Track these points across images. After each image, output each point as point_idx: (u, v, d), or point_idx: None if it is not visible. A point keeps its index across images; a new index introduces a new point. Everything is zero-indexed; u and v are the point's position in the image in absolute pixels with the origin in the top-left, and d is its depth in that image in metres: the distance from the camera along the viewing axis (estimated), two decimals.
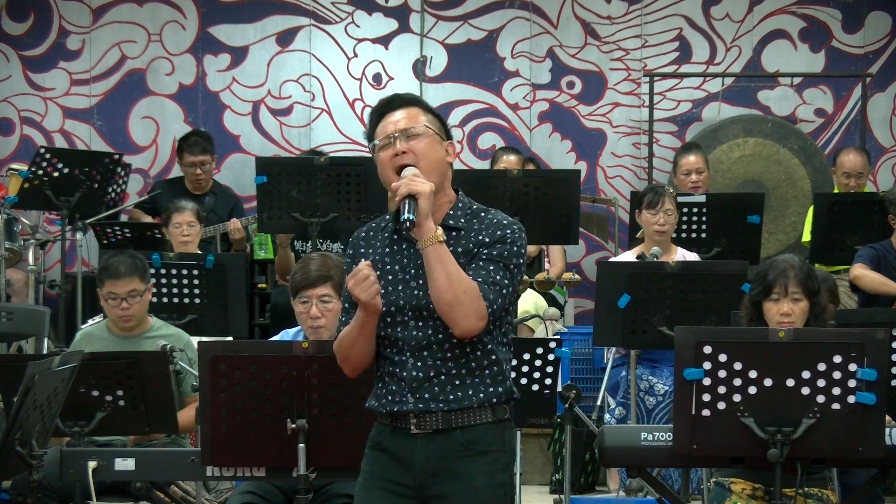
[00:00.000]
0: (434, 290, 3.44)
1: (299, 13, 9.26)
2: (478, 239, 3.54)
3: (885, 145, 9.32)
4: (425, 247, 3.44)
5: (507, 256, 3.53)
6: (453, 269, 3.44)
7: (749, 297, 4.82)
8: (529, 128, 9.28)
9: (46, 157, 7.52)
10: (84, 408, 5.01)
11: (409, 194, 3.44)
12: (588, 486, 7.13)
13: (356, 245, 3.68)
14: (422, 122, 3.59)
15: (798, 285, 4.69)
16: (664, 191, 6.76)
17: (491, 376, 3.54)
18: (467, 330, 3.45)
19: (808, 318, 4.71)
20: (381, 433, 3.59)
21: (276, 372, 4.07)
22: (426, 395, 3.50)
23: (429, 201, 3.45)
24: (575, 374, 7.71)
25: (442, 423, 3.50)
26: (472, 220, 3.58)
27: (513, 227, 3.57)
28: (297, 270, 4.75)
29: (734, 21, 9.29)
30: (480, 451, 3.52)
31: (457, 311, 3.43)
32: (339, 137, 9.16)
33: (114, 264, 5.63)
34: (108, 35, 9.17)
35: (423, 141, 3.57)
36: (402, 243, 3.59)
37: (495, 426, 3.55)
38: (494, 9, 9.28)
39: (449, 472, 3.51)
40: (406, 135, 3.56)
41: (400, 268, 3.57)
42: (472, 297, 3.43)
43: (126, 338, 5.68)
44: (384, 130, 3.60)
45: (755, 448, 4.02)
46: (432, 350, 3.51)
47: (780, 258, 4.84)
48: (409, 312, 3.53)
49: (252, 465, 4.22)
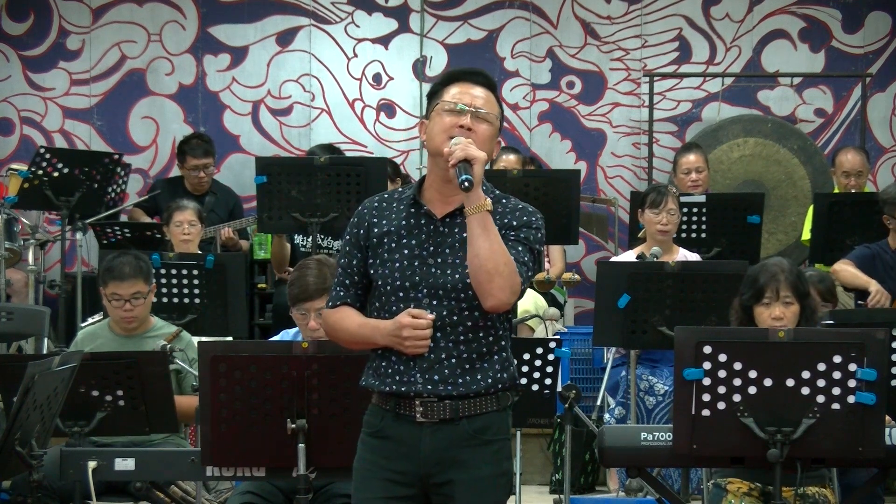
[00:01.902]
0: (475, 259, 3.42)
1: (299, 13, 9.26)
2: (504, 221, 3.55)
3: (885, 145, 9.32)
4: (472, 213, 3.43)
5: (533, 241, 3.57)
6: (496, 240, 3.43)
7: (739, 301, 4.80)
8: (529, 128, 9.29)
9: (46, 157, 7.53)
10: (84, 408, 5.01)
11: (465, 158, 3.43)
12: (588, 486, 7.13)
13: (366, 214, 3.63)
14: (494, 112, 3.60)
15: (789, 288, 4.68)
16: (667, 191, 6.76)
17: (500, 361, 3.55)
18: (500, 302, 3.45)
19: (799, 320, 4.71)
20: (383, 419, 3.56)
21: (276, 372, 4.07)
22: (436, 378, 3.49)
23: (482, 168, 3.45)
24: (575, 374, 7.70)
25: (449, 413, 3.50)
26: (496, 204, 3.57)
27: (537, 215, 3.61)
28: (295, 281, 4.72)
29: (734, 21, 9.29)
30: (487, 441, 3.52)
31: (495, 282, 3.41)
32: (340, 137, 9.16)
33: (118, 265, 5.62)
34: (108, 35, 9.17)
35: (489, 130, 3.58)
36: (420, 218, 3.58)
37: (500, 414, 3.55)
38: (494, 9, 9.28)
39: (455, 461, 3.51)
40: (478, 115, 3.56)
41: (417, 243, 3.55)
42: (511, 270, 3.43)
43: (128, 337, 5.67)
44: (461, 97, 3.56)
45: (755, 448, 4.02)
46: (446, 332, 3.50)
47: (770, 262, 4.82)
48: (423, 290, 3.51)
49: (252, 465, 4.21)
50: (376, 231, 3.59)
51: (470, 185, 3.40)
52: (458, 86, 3.59)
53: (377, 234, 3.59)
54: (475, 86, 3.60)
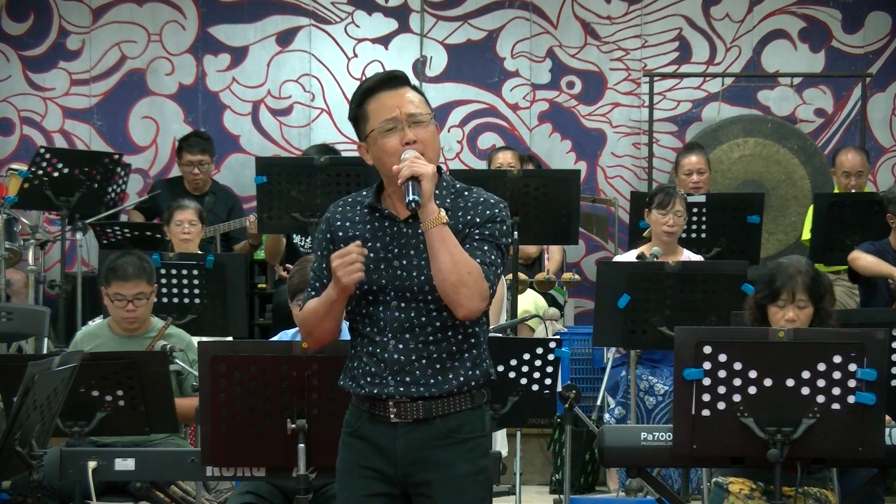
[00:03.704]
0: (438, 272, 3.40)
1: (299, 13, 9.26)
2: (466, 219, 3.51)
3: (885, 145, 9.32)
4: (429, 228, 3.39)
5: (498, 235, 3.51)
6: (457, 251, 3.40)
7: (754, 299, 4.79)
8: (529, 128, 9.28)
9: (46, 157, 7.52)
10: (84, 408, 5.01)
11: (412, 176, 3.39)
12: (588, 486, 7.13)
13: (332, 220, 3.59)
14: (425, 108, 3.53)
15: (805, 292, 4.65)
16: (675, 192, 6.75)
17: (471, 359, 3.52)
18: (471, 311, 3.42)
19: (813, 322, 4.69)
20: (360, 419, 3.55)
21: (276, 372, 4.07)
22: (407, 379, 3.47)
23: (432, 182, 3.40)
24: (575, 374, 7.71)
25: (423, 413, 3.49)
26: (458, 199, 3.54)
27: (500, 206, 3.54)
28: (295, 273, 4.74)
29: (734, 21, 9.29)
30: (462, 439, 3.51)
31: (461, 293, 3.39)
32: (339, 137, 9.16)
33: (122, 265, 5.62)
34: (108, 35, 9.17)
35: (429, 129, 3.52)
36: (383, 221, 3.55)
37: (474, 412, 3.53)
38: (494, 9, 9.28)
39: (431, 461, 3.50)
40: (413, 121, 3.50)
41: (382, 246, 3.52)
42: (476, 278, 3.40)
43: (128, 337, 5.67)
44: (389, 112, 3.48)
45: (755, 448, 4.02)
46: (415, 333, 3.48)
47: (788, 261, 4.77)
48: (391, 293, 3.49)
49: (252, 465, 4.22)
50: (341, 235, 3.56)
51: (417, 206, 3.37)
52: (379, 99, 3.50)
53: (342, 238, 3.55)
54: (394, 91, 3.52)
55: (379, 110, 3.50)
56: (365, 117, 3.54)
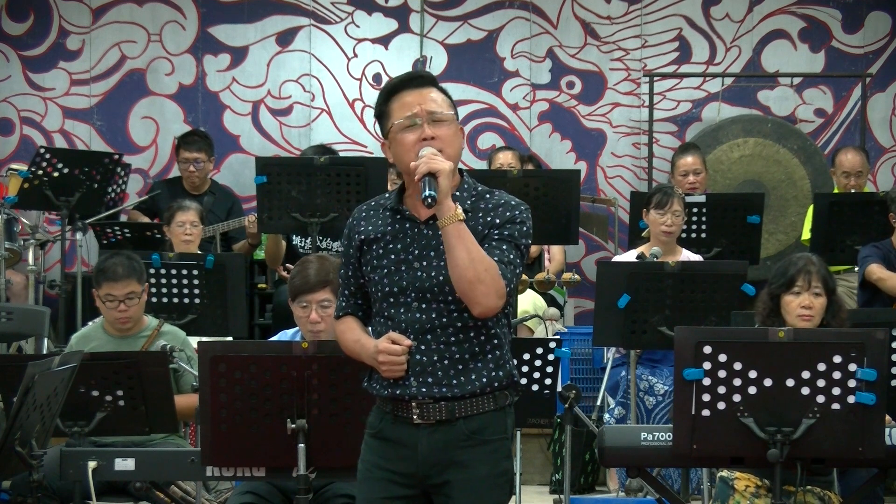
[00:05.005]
0: (455, 269, 3.41)
1: (299, 13, 9.26)
2: (486, 220, 3.53)
3: (885, 145, 9.32)
4: (446, 225, 3.41)
5: (518, 236, 3.54)
6: (474, 248, 3.42)
7: (768, 290, 4.87)
8: (529, 128, 9.29)
9: (46, 157, 7.53)
10: (84, 408, 5.01)
11: (429, 172, 3.40)
12: (588, 486, 7.13)
13: (354, 226, 3.63)
14: (447, 108, 3.55)
15: (820, 280, 4.79)
16: (673, 192, 6.76)
17: (493, 360, 3.53)
18: (487, 308, 3.44)
19: (825, 315, 4.75)
20: (382, 421, 3.57)
21: (276, 372, 4.07)
22: (429, 380, 3.49)
23: (448, 179, 3.42)
24: (575, 374, 7.71)
25: (445, 414, 3.50)
26: (479, 201, 3.57)
27: (521, 208, 3.58)
28: (296, 274, 4.74)
29: (734, 21, 9.29)
30: (484, 441, 3.52)
31: (478, 290, 3.41)
32: (339, 137, 9.16)
33: (111, 266, 5.62)
34: (108, 35, 9.17)
35: (450, 128, 3.54)
36: (404, 223, 3.57)
37: (497, 413, 3.55)
38: (494, 9, 9.28)
39: (452, 462, 3.51)
40: (433, 119, 3.52)
41: (403, 247, 3.55)
42: (493, 276, 3.42)
43: (122, 338, 5.67)
44: (410, 109, 3.51)
45: (755, 448, 4.02)
46: (436, 333, 3.50)
47: (799, 256, 4.93)
48: (412, 294, 3.51)
49: (252, 465, 4.21)
50: (363, 238, 3.60)
51: (433, 202, 3.39)
52: (402, 98, 3.54)
53: (365, 242, 3.59)
54: (417, 90, 3.55)
55: (400, 108, 3.55)
56: (388, 114, 3.57)
